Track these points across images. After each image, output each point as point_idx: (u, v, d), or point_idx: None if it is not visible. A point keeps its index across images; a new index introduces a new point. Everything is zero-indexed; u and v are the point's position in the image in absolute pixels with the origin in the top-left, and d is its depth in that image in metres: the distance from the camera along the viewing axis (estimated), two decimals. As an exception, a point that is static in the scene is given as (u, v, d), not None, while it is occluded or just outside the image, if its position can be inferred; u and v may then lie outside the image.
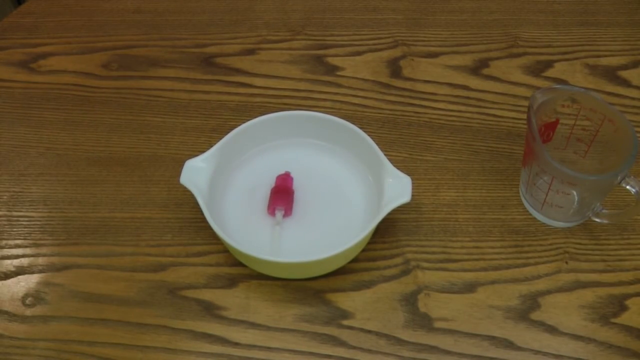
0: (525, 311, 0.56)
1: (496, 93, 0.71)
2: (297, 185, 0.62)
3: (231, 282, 0.58)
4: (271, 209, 0.59)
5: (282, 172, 0.62)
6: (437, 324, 0.56)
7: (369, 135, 0.59)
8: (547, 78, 0.72)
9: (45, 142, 0.68)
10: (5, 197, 0.64)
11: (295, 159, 0.63)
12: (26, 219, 0.62)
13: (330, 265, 0.57)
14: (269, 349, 0.55)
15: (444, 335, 0.55)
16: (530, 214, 0.62)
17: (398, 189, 0.56)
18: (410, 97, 0.71)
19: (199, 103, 0.71)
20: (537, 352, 0.54)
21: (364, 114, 0.70)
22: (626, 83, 0.72)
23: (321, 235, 0.58)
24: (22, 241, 0.61)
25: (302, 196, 0.61)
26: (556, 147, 0.61)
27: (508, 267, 0.59)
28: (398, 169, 0.57)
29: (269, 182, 0.62)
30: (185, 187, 0.57)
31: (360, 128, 0.60)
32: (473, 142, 0.67)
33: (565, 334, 0.55)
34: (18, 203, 0.63)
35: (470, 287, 0.58)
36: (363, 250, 0.59)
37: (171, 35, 0.77)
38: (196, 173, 0.57)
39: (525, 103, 0.70)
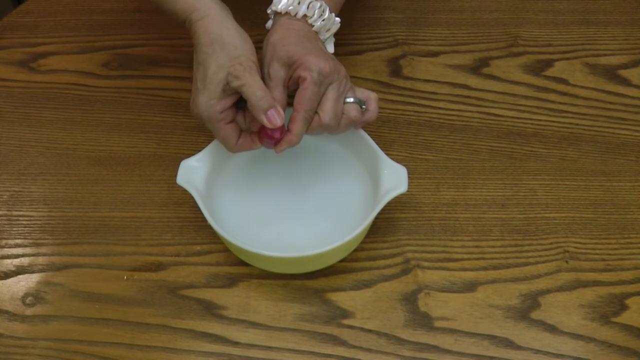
0: (526, 310, 0.56)
1: (496, 92, 0.71)
2: (294, 183, 0.62)
3: (231, 282, 0.58)
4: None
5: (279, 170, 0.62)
6: (437, 323, 0.56)
7: (369, 134, 0.59)
8: (547, 77, 0.72)
9: (45, 141, 0.68)
10: (5, 196, 0.64)
11: (291, 156, 0.63)
12: (26, 218, 0.62)
13: (331, 258, 0.57)
14: (269, 348, 0.55)
15: (444, 334, 0.55)
16: (531, 213, 0.62)
17: (394, 179, 0.56)
18: (411, 96, 0.71)
19: (199, 102, 0.70)
20: (537, 351, 0.54)
21: (364, 113, 0.69)
22: (626, 82, 0.72)
23: (320, 230, 0.59)
24: (22, 240, 0.61)
25: (299, 193, 0.61)
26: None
27: (508, 266, 0.59)
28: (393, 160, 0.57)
29: (267, 179, 0.62)
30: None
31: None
32: (473, 141, 0.67)
33: (566, 333, 0.55)
34: (18, 202, 0.63)
35: (470, 287, 0.58)
36: (363, 250, 0.59)
37: (171, 34, 0.77)
38: (192, 173, 0.57)
39: (526, 102, 0.70)
